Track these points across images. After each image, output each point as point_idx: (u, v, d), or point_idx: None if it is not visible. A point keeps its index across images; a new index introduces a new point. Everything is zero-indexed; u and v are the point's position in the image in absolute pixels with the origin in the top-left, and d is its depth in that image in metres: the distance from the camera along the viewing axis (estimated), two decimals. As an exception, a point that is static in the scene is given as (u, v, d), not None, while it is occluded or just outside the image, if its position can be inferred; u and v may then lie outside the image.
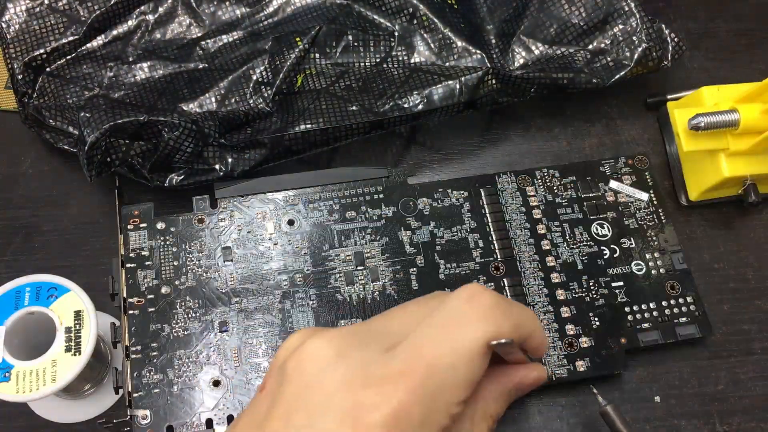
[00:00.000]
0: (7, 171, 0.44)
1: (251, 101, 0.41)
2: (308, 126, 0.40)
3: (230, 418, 0.35)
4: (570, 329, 0.38)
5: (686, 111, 0.40)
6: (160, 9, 0.45)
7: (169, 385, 0.35)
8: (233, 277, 0.38)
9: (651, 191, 0.42)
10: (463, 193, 0.41)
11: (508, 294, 0.39)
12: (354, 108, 0.41)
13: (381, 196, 0.41)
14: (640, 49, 0.43)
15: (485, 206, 0.41)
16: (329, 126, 0.40)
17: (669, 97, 0.46)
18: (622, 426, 0.36)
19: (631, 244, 0.41)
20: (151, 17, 0.45)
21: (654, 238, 0.41)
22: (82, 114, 0.39)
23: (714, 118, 0.39)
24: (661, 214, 0.42)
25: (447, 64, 0.44)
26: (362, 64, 0.44)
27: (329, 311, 0.38)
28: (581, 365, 0.38)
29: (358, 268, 0.39)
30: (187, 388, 0.35)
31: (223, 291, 0.38)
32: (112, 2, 0.43)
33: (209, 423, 0.35)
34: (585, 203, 0.42)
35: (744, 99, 0.40)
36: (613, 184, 0.42)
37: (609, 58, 0.44)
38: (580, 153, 0.46)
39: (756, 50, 0.50)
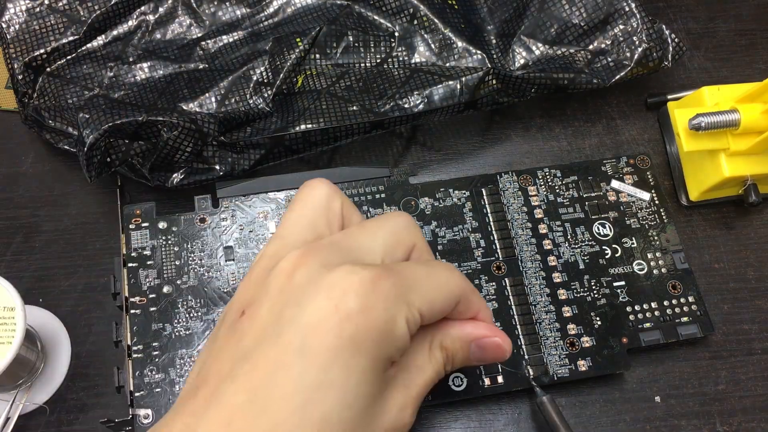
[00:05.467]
0: (7, 171, 0.44)
1: (251, 101, 0.41)
2: (308, 126, 0.40)
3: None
4: (572, 329, 0.38)
5: (686, 111, 0.40)
6: (161, 9, 0.45)
7: (171, 385, 0.35)
8: (235, 277, 0.38)
9: (653, 191, 0.42)
10: (464, 193, 0.41)
11: (510, 294, 0.39)
12: (354, 108, 0.41)
13: (383, 195, 0.41)
14: (640, 50, 0.43)
15: (487, 206, 0.41)
16: (329, 126, 0.40)
17: (669, 97, 0.46)
18: (556, 418, 0.36)
19: (633, 243, 0.41)
20: (151, 17, 0.44)
21: (655, 237, 0.41)
22: (81, 115, 0.38)
23: (714, 118, 0.39)
24: (662, 213, 0.42)
25: (447, 64, 0.44)
26: (363, 65, 0.44)
27: (331, 311, 0.38)
28: (583, 365, 0.38)
29: (360, 267, 0.39)
30: (189, 388, 0.35)
31: (225, 290, 0.38)
32: (112, 2, 0.43)
33: (211, 422, 0.35)
34: (587, 203, 0.42)
35: (744, 99, 0.40)
36: (615, 183, 0.42)
37: (609, 59, 0.44)
38: (580, 153, 0.46)
39: (756, 50, 0.50)
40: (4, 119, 0.45)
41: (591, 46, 0.44)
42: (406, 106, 0.41)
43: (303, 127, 0.40)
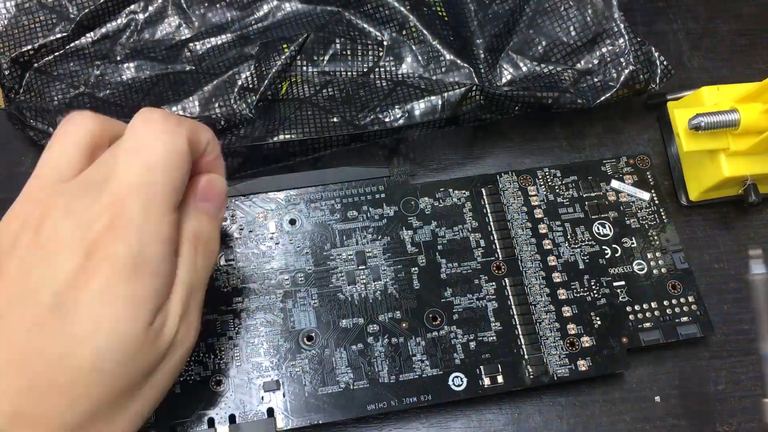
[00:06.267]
0: (6, 171, 0.43)
1: (235, 106, 0.41)
2: (287, 136, 0.40)
3: (232, 418, 0.34)
4: (571, 328, 0.38)
5: (686, 111, 0.40)
6: (151, 8, 0.44)
7: (170, 386, 0.35)
8: (234, 277, 0.38)
9: (652, 191, 0.42)
10: (464, 193, 0.41)
11: (510, 293, 0.39)
12: (335, 120, 0.41)
13: (383, 195, 0.41)
14: (627, 71, 0.43)
15: (487, 206, 0.41)
16: (308, 137, 0.40)
17: (669, 97, 0.46)
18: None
19: (633, 243, 0.41)
20: (141, 16, 0.44)
21: (655, 237, 0.41)
22: (59, 117, 0.38)
23: (714, 118, 0.39)
24: (662, 213, 0.42)
25: (434, 77, 0.43)
26: (348, 74, 0.43)
27: (331, 310, 0.37)
28: (583, 365, 0.37)
29: (360, 267, 0.39)
30: (189, 388, 0.35)
31: (224, 290, 0.37)
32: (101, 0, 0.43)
33: (211, 422, 0.34)
34: (586, 203, 0.42)
35: (744, 99, 0.40)
36: (615, 183, 0.42)
37: (596, 79, 0.43)
38: (580, 153, 0.46)
39: (756, 50, 0.50)
40: (4, 119, 0.44)
41: (578, 65, 0.44)
42: (387, 119, 0.41)
43: (282, 137, 0.40)
